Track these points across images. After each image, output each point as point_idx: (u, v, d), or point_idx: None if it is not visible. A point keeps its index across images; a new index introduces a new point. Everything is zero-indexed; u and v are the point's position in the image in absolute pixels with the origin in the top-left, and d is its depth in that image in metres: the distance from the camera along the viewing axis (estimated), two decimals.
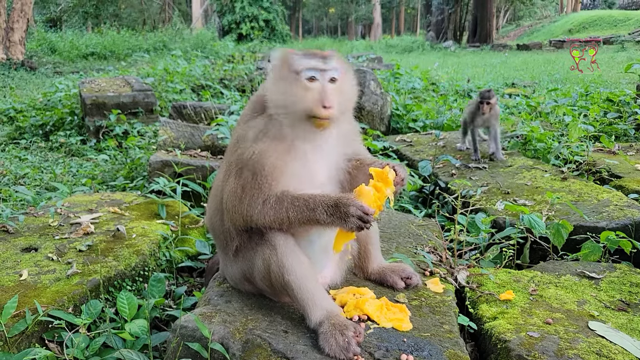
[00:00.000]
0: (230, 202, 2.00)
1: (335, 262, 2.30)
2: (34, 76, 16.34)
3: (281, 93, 1.95)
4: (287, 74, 1.95)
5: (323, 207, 1.88)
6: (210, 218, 2.27)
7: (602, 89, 8.52)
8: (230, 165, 2.04)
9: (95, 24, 35.40)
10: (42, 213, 3.72)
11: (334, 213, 1.87)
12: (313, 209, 1.89)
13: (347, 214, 1.85)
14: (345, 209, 1.86)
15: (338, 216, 1.86)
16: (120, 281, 2.92)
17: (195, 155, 5.17)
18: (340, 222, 1.87)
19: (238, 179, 1.97)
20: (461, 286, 2.60)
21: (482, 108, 4.97)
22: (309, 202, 1.90)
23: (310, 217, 1.89)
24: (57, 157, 6.89)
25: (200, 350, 1.90)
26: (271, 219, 1.93)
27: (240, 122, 2.13)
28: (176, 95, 9.36)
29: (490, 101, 4.95)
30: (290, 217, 1.91)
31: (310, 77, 1.92)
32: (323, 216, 1.88)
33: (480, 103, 4.99)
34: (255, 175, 1.94)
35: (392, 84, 10.15)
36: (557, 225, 3.07)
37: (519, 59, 20.28)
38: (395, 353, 1.88)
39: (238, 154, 2.00)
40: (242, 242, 2.09)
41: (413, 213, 4.06)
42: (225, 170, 2.10)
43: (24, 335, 2.34)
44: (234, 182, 1.99)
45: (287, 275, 1.94)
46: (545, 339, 2.07)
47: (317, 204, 1.89)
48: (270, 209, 1.92)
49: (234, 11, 33.68)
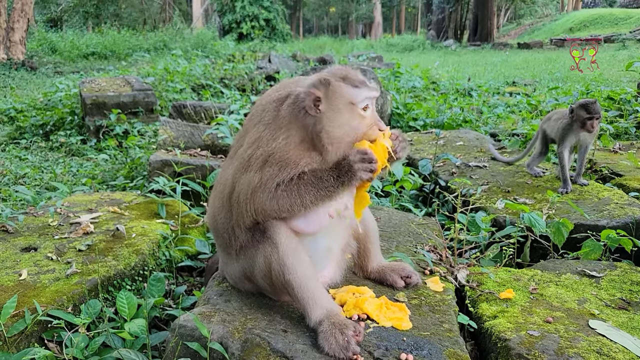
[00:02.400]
0: (242, 194, 2.00)
1: (335, 261, 2.29)
2: (34, 76, 16.35)
3: (339, 126, 1.96)
4: (342, 106, 1.96)
5: (328, 172, 1.93)
6: (213, 216, 2.25)
7: (603, 88, 8.51)
8: (250, 160, 2.02)
9: (96, 23, 35.40)
10: (41, 213, 3.72)
11: (339, 173, 1.91)
12: (320, 177, 1.92)
13: (350, 166, 1.90)
14: (346, 162, 1.91)
15: (344, 172, 1.91)
16: (120, 281, 2.91)
17: (195, 154, 5.16)
18: (349, 177, 1.91)
19: (259, 171, 1.97)
20: (461, 285, 2.59)
21: (588, 125, 3.86)
22: (316, 174, 1.94)
23: (320, 186, 1.92)
24: (57, 156, 6.89)
25: (199, 350, 1.89)
26: (285, 202, 1.94)
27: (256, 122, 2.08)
28: (176, 95, 9.36)
29: (600, 116, 3.89)
30: (302, 193, 1.92)
31: (364, 107, 1.98)
32: (331, 180, 1.91)
33: (589, 119, 3.85)
34: (280, 168, 1.95)
35: (393, 82, 10.15)
36: (558, 224, 3.06)
37: (520, 58, 20.28)
38: (394, 352, 1.88)
39: (266, 150, 1.99)
40: (245, 240, 2.08)
41: (413, 212, 4.05)
42: (237, 166, 2.07)
43: (23, 335, 2.33)
44: (253, 175, 1.98)
45: (288, 274, 1.94)
46: (546, 338, 2.06)
47: (322, 172, 1.94)
48: (282, 191, 1.93)
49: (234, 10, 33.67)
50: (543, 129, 4.32)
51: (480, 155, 5.19)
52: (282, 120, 2.01)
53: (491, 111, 8.15)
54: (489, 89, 11.14)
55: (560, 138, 4.01)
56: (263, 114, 2.08)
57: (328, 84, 1.95)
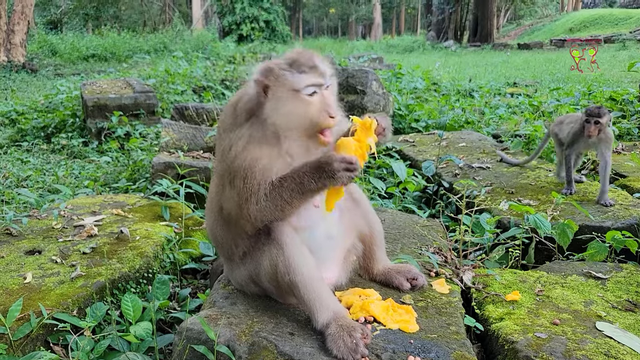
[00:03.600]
0: (233, 211, 2.00)
1: (340, 263, 2.29)
2: (35, 78, 16.36)
3: (283, 115, 1.92)
4: (285, 94, 1.91)
5: (308, 175, 1.89)
6: (211, 230, 2.26)
7: (604, 88, 8.50)
8: (222, 176, 2.04)
9: (96, 25, 35.45)
10: (45, 215, 3.72)
11: (320, 175, 1.88)
12: (300, 181, 1.89)
13: (332, 171, 1.86)
14: (329, 167, 1.87)
15: (325, 176, 1.87)
16: (125, 283, 2.91)
17: (198, 156, 5.16)
18: (330, 181, 1.88)
19: (232, 187, 1.97)
20: (467, 287, 2.59)
21: (587, 129, 3.75)
22: (295, 177, 1.90)
23: (301, 189, 1.89)
24: (59, 159, 6.89)
25: (207, 353, 1.88)
26: (272, 210, 1.93)
27: (221, 131, 2.08)
28: (178, 97, 9.35)
29: (600, 120, 3.71)
30: (286, 199, 1.90)
31: (311, 93, 1.92)
32: (312, 183, 1.88)
33: (587, 122, 3.75)
34: (246, 180, 1.92)
35: (394, 84, 10.15)
36: (563, 225, 3.05)
37: (520, 58, 20.27)
38: (402, 355, 1.87)
39: (227, 164, 1.98)
40: (249, 245, 2.08)
41: (417, 213, 4.04)
42: (217, 183, 2.11)
43: (28, 338, 2.33)
44: (229, 192, 1.99)
45: (294, 276, 1.93)
46: (553, 340, 2.05)
47: (302, 175, 1.90)
48: (266, 202, 1.91)
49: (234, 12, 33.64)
50: (555, 133, 4.24)
51: (483, 156, 5.19)
52: (239, 120, 2.00)
53: (493, 112, 8.14)
54: (490, 89, 11.14)
55: (570, 142, 3.97)
56: (224, 122, 2.08)
57: (270, 71, 1.92)
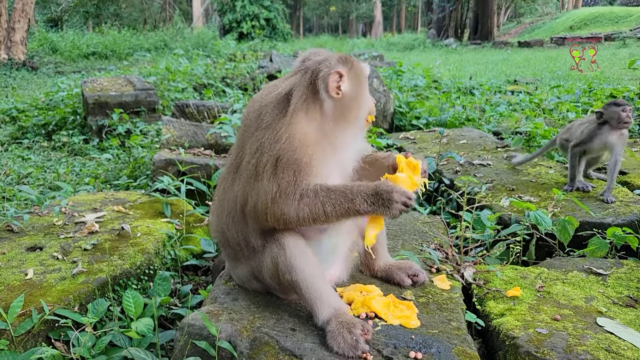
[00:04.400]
0: (261, 204, 1.90)
1: (342, 260, 2.29)
2: (35, 76, 16.35)
3: (360, 102, 2.02)
4: (363, 82, 2.05)
5: (362, 196, 1.85)
6: (222, 232, 2.15)
7: (605, 86, 8.50)
8: (257, 168, 1.92)
9: (96, 23, 35.43)
10: (46, 212, 3.72)
11: (375, 201, 1.85)
12: (352, 199, 1.85)
13: (390, 201, 1.84)
14: (387, 195, 1.84)
15: (380, 204, 1.84)
16: (126, 280, 2.91)
17: (199, 153, 5.16)
18: (383, 210, 1.85)
19: (274, 179, 1.87)
20: (468, 283, 2.59)
21: (624, 116, 3.67)
22: (346, 193, 1.86)
23: (349, 208, 1.85)
24: (60, 156, 6.89)
25: (208, 349, 1.89)
26: (306, 215, 1.86)
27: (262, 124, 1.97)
28: (178, 94, 9.35)
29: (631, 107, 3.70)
30: (327, 210, 1.85)
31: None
32: (363, 206, 1.85)
33: (623, 111, 3.68)
34: (295, 172, 1.86)
35: (395, 81, 10.13)
36: (564, 222, 3.06)
37: (521, 56, 20.25)
38: (403, 350, 1.87)
39: (272, 155, 1.88)
40: (257, 245, 2.04)
41: (418, 210, 4.04)
42: (247, 177, 1.97)
43: (30, 334, 2.33)
44: (267, 183, 1.88)
45: (295, 274, 1.93)
46: (554, 336, 2.06)
47: (355, 194, 1.85)
48: (305, 205, 1.85)
49: (234, 10, 33.64)
50: (564, 139, 4.14)
51: (484, 153, 5.19)
52: (286, 117, 1.92)
53: (494, 109, 8.13)
54: (491, 87, 11.13)
55: (583, 140, 3.88)
56: (259, 120, 1.98)
57: (347, 61, 1.97)
